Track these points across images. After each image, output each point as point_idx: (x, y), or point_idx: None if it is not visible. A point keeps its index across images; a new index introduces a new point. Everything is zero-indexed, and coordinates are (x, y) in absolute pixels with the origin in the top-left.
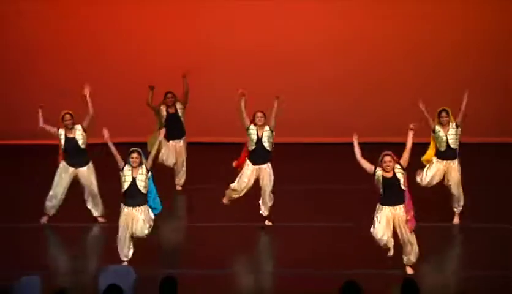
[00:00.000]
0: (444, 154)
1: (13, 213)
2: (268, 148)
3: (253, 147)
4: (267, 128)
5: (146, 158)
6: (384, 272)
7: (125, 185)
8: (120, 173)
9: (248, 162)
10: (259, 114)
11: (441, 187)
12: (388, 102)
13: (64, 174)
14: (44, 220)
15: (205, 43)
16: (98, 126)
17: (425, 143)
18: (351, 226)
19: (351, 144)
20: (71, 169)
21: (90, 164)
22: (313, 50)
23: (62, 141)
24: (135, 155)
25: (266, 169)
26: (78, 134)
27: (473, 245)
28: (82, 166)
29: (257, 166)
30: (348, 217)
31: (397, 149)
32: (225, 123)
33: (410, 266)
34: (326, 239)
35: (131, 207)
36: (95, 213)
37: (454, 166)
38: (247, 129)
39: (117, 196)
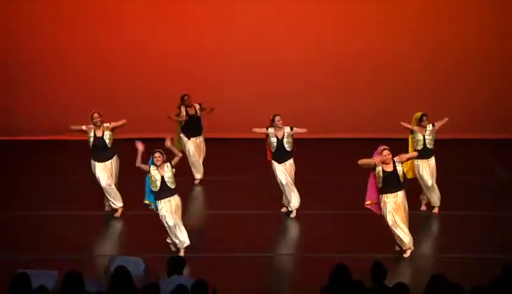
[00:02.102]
0: (422, 153)
1: (31, 202)
2: (288, 149)
3: (274, 149)
4: (287, 129)
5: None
6: (385, 255)
7: (158, 184)
8: (148, 174)
9: (273, 162)
10: (277, 117)
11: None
12: (382, 102)
13: (97, 170)
14: (107, 208)
15: (212, 47)
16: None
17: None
18: (351, 214)
19: (350, 140)
20: (99, 163)
21: (115, 158)
22: (313, 53)
23: (91, 139)
24: (157, 154)
25: (287, 164)
26: (106, 133)
27: (453, 231)
28: (108, 160)
29: (282, 164)
30: (348, 205)
31: (390, 145)
32: (238, 121)
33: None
34: (327, 225)
35: (166, 199)
36: (115, 204)
37: (431, 162)
38: (267, 136)
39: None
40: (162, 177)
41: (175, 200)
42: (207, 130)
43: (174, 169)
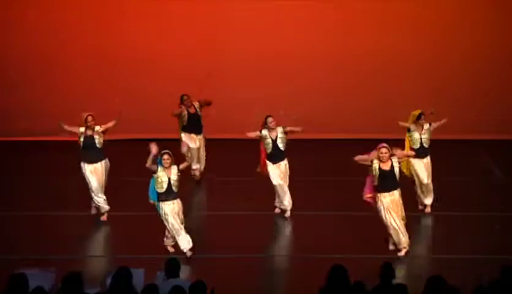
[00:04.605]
0: (418, 152)
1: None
2: (282, 148)
3: (270, 150)
4: (280, 130)
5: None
6: (382, 256)
7: (164, 186)
8: (155, 175)
9: (268, 162)
10: (270, 119)
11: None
12: (382, 102)
13: (87, 172)
14: (93, 210)
15: (215, 48)
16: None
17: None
18: (349, 215)
19: (350, 140)
20: (90, 165)
21: (105, 161)
22: (313, 53)
23: (82, 139)
24: (166, 156)
25: (282, 166)
26: (96, 136)
27: (453, 231)
28: (96, 162)
29: (277, 164)
30: (346, 206)
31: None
32: (238, 121)
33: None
34: (325, 226)
35: (170, 201)
36: (103, 208)
37: (426, 161)
38: (261, 136)
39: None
40: (169, 179)
41: (178, 204)
42: (207, 131)
43: (180, 174)
